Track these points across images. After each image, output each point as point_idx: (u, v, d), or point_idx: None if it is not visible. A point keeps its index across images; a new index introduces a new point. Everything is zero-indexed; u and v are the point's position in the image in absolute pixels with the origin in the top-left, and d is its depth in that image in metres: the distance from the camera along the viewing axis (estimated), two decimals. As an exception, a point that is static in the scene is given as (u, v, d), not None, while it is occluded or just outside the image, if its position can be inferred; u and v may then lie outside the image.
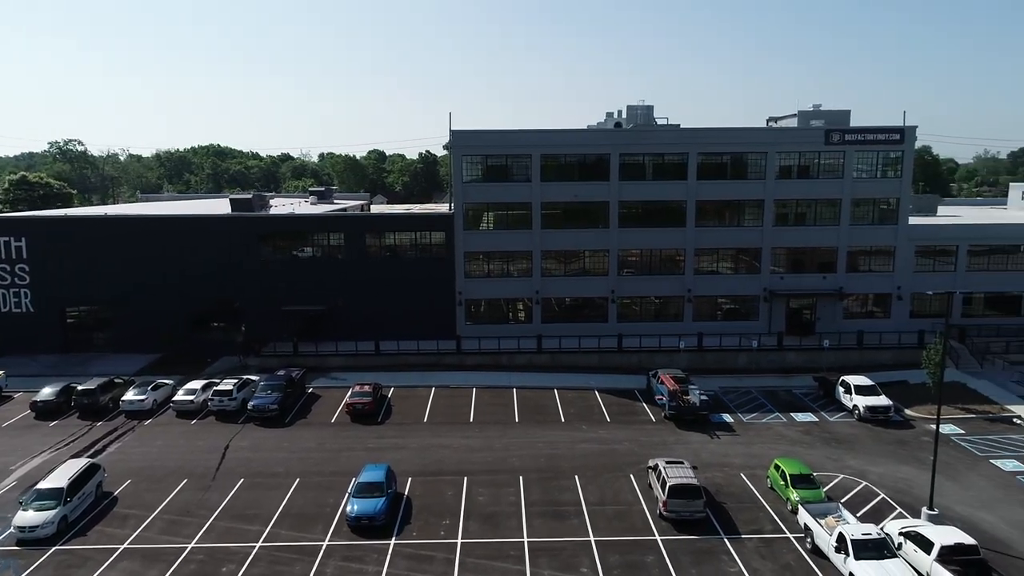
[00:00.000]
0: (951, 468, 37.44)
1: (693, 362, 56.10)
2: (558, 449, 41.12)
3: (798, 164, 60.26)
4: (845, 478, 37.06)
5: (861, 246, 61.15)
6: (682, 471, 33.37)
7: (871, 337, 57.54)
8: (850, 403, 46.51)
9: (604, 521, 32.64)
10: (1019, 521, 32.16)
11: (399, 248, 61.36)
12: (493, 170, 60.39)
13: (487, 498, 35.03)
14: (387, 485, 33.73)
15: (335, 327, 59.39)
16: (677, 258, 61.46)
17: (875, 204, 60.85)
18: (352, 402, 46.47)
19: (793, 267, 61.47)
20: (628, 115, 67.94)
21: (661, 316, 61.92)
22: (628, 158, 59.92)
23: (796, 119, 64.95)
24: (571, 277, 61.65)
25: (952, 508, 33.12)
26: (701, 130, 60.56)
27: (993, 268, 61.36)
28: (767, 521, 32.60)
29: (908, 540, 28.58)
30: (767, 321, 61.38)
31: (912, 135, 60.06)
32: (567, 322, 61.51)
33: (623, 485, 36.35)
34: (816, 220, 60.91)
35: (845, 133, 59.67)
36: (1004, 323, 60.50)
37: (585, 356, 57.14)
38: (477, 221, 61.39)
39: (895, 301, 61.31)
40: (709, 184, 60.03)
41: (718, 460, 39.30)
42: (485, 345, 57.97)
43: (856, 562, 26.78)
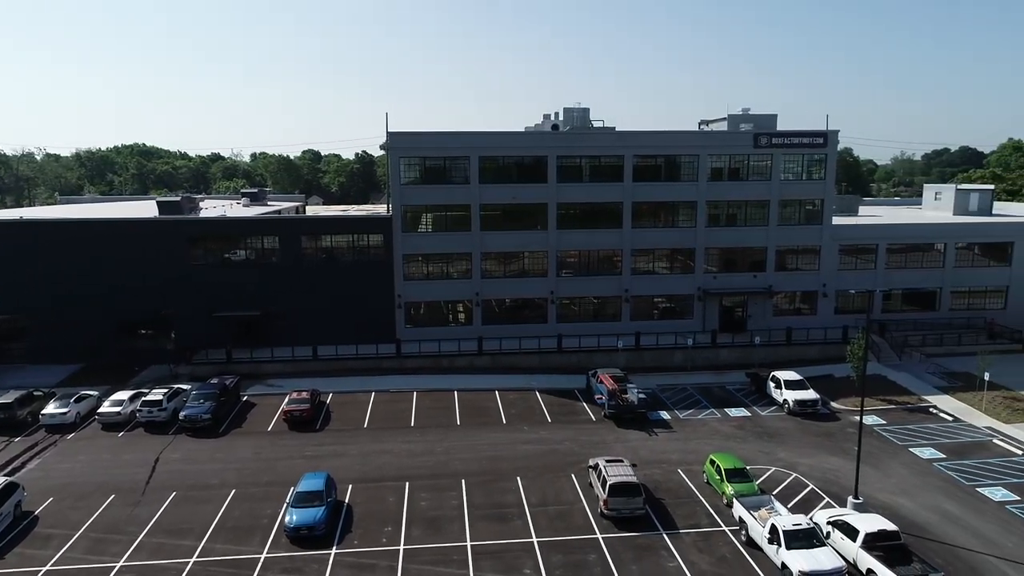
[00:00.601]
0: (874, 457, 39.26)
1: (631, 361, 57.15)
2: (500, 451, 41.25)
3: (729, 167, 62.13)
4: (777, 470, 38.41)
5: (789, 245, 63.47)
6: (622, 469, 33.95)
7: (799, 333, 59.81)
8: (780, 398, 48.21)
9: (546, 521, 32.91)
10: (935, 506, 33.99)
11: (336, 251, 60.38)
12: (431, 172, 60.11)
13: (429, 503, 34.85)
14: (327, 493, 33.16)
15: (271, 332, 58.03)
16: (615, 259, 62.49)
17: (801, 205, 63.27)
18: (289, 409, 45.48)
19: (725, 266, 63.33)
20: (565, 117, 68.42)
21: (600, 316, 62.86)
22: (566, 160, 60.60)
23: (726, 123, 67.00)
24: (511, 278, 61.92)
25: (875, 496, 34.74)
26: (636, 133, 61.77)
27: (910, 266, 64.65)
28: (704, 515, 33.50)
29: (836, 529, 29.85)
30: (701, 319, 63.06)
31: (834, 139, 62.71)
32: (508, 323, 61.74)
33: (565, 485, 36.74)
34: (746, 221, 62.93)
35: (772, 137, 61.84)
36: (920, 318, 63.86)
37: (526, 357, 57.49)
38: (416, 223, 60.99)
39: (821, 298, 63.89)
40: (644, 186, 61.26)
41: (656, 457, 40.15)
42: (425, 348, 57.66)
43: (788, 552, 27.80)
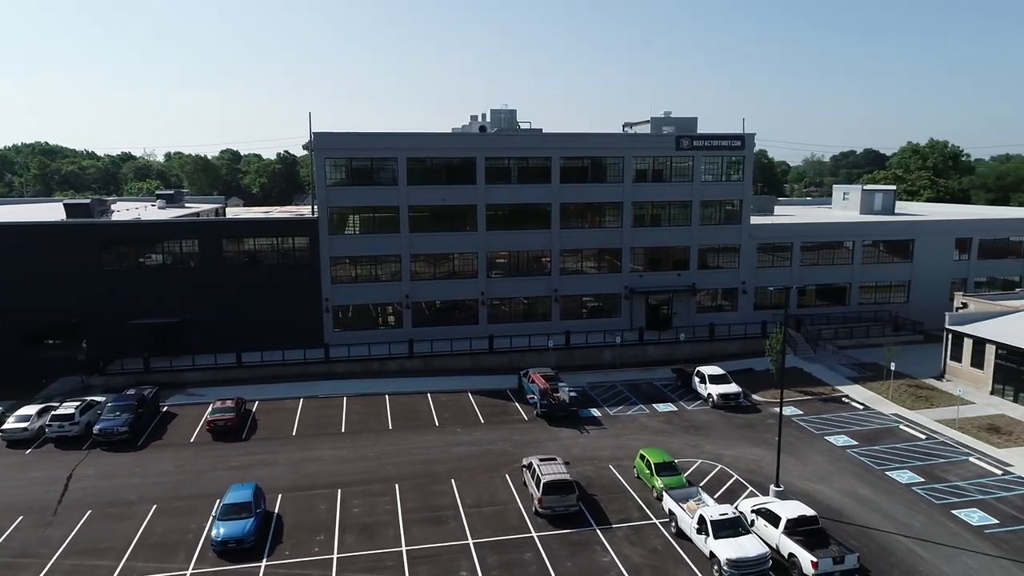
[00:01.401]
0: (793, 447, 41.09)
1: (562, 360, 57.88)
2: (433, 454, 41.04)
3: (652, 168, 63.77)
4: (703, 462, 39.69)
5: (710, 245, 65.65)
6: (555, 467, 34.37)
7: (721, 329, 61.96)
8: (705, 392, 49.83)
9: (481, 522, 32.97)
10: (849, 491, 35.88)
11: (260, 254, 58.69)
12: (358, 173, 59.22)
13: (362, 509, 34.35)
14: (255, 504, 32.22)
15: (191, 340, 55.85)
16: (544, 259, 63.15)
17: (721, 205, 65.55)
18: (213, 419, 43.91)
19: (651, 266, 64.95)
20: (492, 119, 68.66)
21: (530, 316, 63.38)
22: (494, 162, 60.81)
23: (649, 125, 68.73)
24: (441, 280, 61.69)
25: (795, 483, 36.37)
26: (563, 135, 62.61)
27: (822, 263, 67.96)
28: (635, 509, 34.28)
29: (759, 516, 31.12)
30: (629, 318, 64.48)
31: (751, 141, 65.26)
32: (438, 325, 61.49)
33: (499, 485, 36.89)
34: (670, 221, 64.72)
35: (693, 139, 63.84)
36: (832, 312, 67.25)
37: (457, 359, 57.38)
38: (343, 225, 59.94)
39: (741, 295, 66.38)
40: (572, 187, 62.16)
41: (588, 454, 40.82)
42: (355, 352, 56.75)
43: (715, 541, 28.78)
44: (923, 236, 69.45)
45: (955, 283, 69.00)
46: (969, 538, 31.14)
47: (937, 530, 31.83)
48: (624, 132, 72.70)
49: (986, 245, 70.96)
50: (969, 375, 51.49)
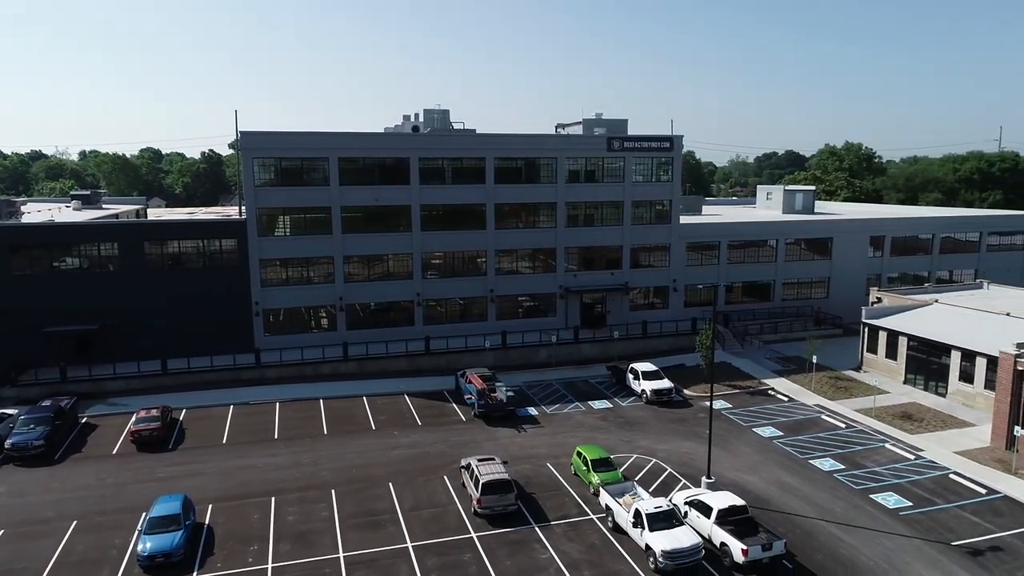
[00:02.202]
0: (723, 439, 42.42)
1: (498, 360, 58.07)
2: (370, 458, 40.54)
3: (585, 169, 64.68)
4: (638, 457, 40.55)
5: (642, 244, 67.08)
6: (493, 467, 34.49)
7: (653, 326, 63.41)
8: (638, 388, 50.88)
9: (420, 525, 32.77)
10: (776, 480, 37.33)
11: (185, 257, 56.65)
12: (288, 173, 57.87)
13: (298, 516, 33.63)
14: (184, 516, 31.11)
15: (112, 347, 53.43)
16: (479, 259, 63.20)
17: (652, 205, 67.04)
18: (137, 429, 42.12)
19: (585, 265, 65.88)
20: (425, 119, 68.24)
21: (466, 317, 63.33)
22: (428, 162, 60.48)
23: (581, 127, 69.73)
24: (375, 281, 60.95)
25: (725, 474, 37.57)
26: (496, 136, 62.84)
27: (748, 261, 70.38)
28: (573, 506, 34.74)
29: (692, 508, 32.02)
30: (564, 316, 65.23)
31: (679, 143, 67.00)
32: (373, 327, 60.73)
33: (437, 487, 36.75)
34: (603, 221, 65.79)
35: (624, 141, 65.09)
36: (758, 308, 69.75)
37: (393, 361, 56.82)
38: (272, 226, 58.47)
39: (672, 293, 68.09)
40: (506, 188, 62.43)
41: (526, 452, 41.11)
42: (287, 356, 55.45)
43: (651, 534, 29.46)
44: (841, 234, 72.82)
45: (870, 279, 72.63)
46: (886, 520, 32.86)
47: (857, 514, 33.45)
48: (557, 133, 73.51)
49: (898, 243, 74.99)
50: (884, 366, 54.30)
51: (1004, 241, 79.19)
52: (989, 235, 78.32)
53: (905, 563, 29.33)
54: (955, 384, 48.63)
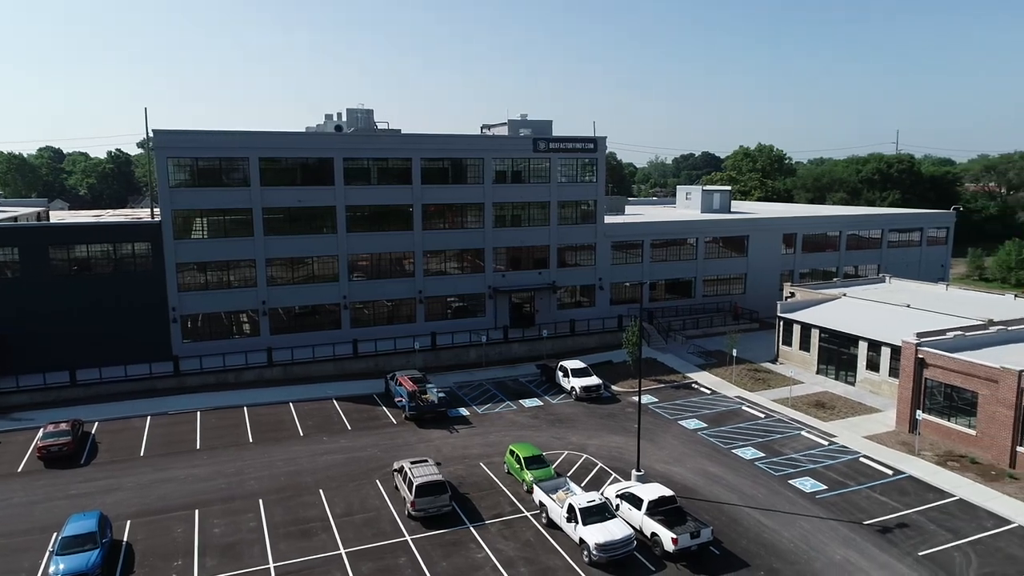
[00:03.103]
0: (651, 432, 43.55)
1: (428, 361, 57.74)
2: (299, 465, 39.57)
3: (512, 170, 65.09)
4: (570, 453, 41.14)
5: (568, 244, 68.03)
6: (426, 469, 34.30)
7: (581, 324, 64.44)
8: (568, 385, 51.60)
9: (353, 531, 32.24)
10: (702, 469, 38.61)
11: (94, 262, 53.79)
12: (205, 173, 55.78)
13: (224, 528, 32.50)
14: (100, 534, 29.57)
15: (14, 359, 50.15)
16: (407, 261, 62.63)
17: (577, 206, 68.10)
18: (45, 444, 39.71)
19: (513, 265, 66.29)
20: (348, 119, 67.03)
21: (395, 319, 62.66)
22: (352, 162, 59.51)
23: (507, 127, 70.12)
24: (300, 284, 59.50)
25: (654, 467, 38.61)
26: (422, 136, 62.43)
27: (670, 259, 72.45)
28: (507, 504, 34.93)
29: (623, 500, 32.76)
30: (493, 316, 65.44)
31: (603, 144, 68.32)
32: (299, 331, 59.27)
33: (370, 492, 36.23)
34: (530, 221, 66.37)
35: (549, 142, 65.86)
36: (680, 304, 71.90)
37: (320, 365, 55.63)
38: (189, 229, 56.24)
39: (598, 291, 69.36)
40: (433, 188, 62.11)
41: (459, 453, 41.05)
42: (208, 364, 53.47)
43: (584, 528, 29.98)
44: (756, 233, 75.94)
45: (784, 275, 76.02)
46: (804, 504, 34.52)
47: (777, 499, 35.01)
48: (483, 134, 73.67)
49: (808, 240, 78.82)
50: (798, 357, 56.99)
51: (903, 238, 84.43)
52: (890, 232, 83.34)
53: (822, 543, 30.90)
54: (863, 373, 51.52)
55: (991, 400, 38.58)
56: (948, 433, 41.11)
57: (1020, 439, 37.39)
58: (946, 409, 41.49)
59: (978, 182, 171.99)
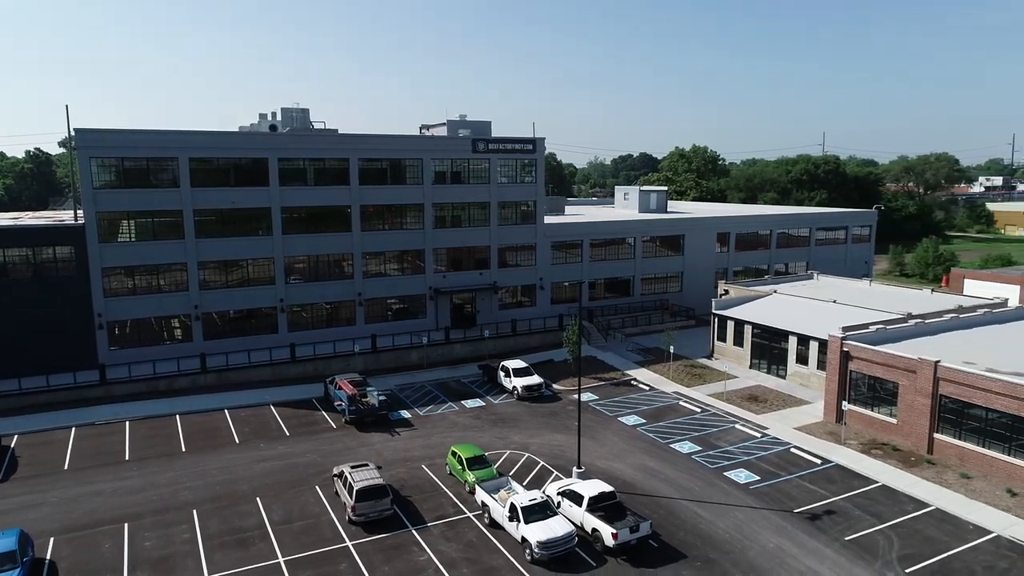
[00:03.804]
0: (591, 430, 44.14)
1: (369, 364, 57.08)
2: (235, 473, 38.56)
3: (451, 170, 64.93)
4: (512, 453, 41.34)
5: (509, 244, 68.30)
6: (367, 473, 33.93)
7: (522, 324, 64.80)
8: (510, 385, 51.80)
9: (292, 538, 31.63)
10: (641, 465, 39.36)
11: (11, 267, 51.18)
12: (132, 174, 53.75)
13: (156, 542, 31.41)
14: (21, 553, 28.19)
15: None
16: (345, 262, 61.75)
17: (517, 206, 68.42)
18: (-41, 461, 37.59)
19: (453, 265, 66.13)
20: (283, 118, 65.64)
21: (334, 321, 61.70)
22: (288, 163, 58.33)
23: (446, 128, 69.94)
24: (234, 288, 57.95)
25: (595, 463, 39.14)
26: (360, 136, 61.66)
27: (608, 258, 73.55)
28: (449, 505, 34.86)
29: (565, 498, 33.12)
30: (434, 317, 65.15)
31: (542, 145, 68.85)
32: (234, 336, 57.75)
33: (309, 498, 35.60)
34: (470, 222, 66.33)
35: (489, 143, 65.98)
36: (619, 303, 73.09)
37: (257, 370, 54.33)
38: (115, 231, 54.10)
39: (539, 291, 69.86)
40: (372, 189, 61.41)
41: (401, 456, 40.74)
42: (137, 371, 51.58)
43: (526, 526, 30.19)
44: (691, 232, 77.82)
45: (718, 273, 78.14)
46: (738, 495, 35.59)
47: (713, 491, 35.99)
48: (422, 134, 73.29)
49: (741, 239, 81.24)
50: (733, 353, 58.68)
51: (830, 236, 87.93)
52: (817, 230, 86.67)
53: (755, 532, 31.93)
54: (793, 366, 53.44)
55: (910, 390, 40.57)
56: (872, 422, 43.04)
57: (937, 426, 39.47)
58: (870, 399, 43.43)
59: (898, 182, 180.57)
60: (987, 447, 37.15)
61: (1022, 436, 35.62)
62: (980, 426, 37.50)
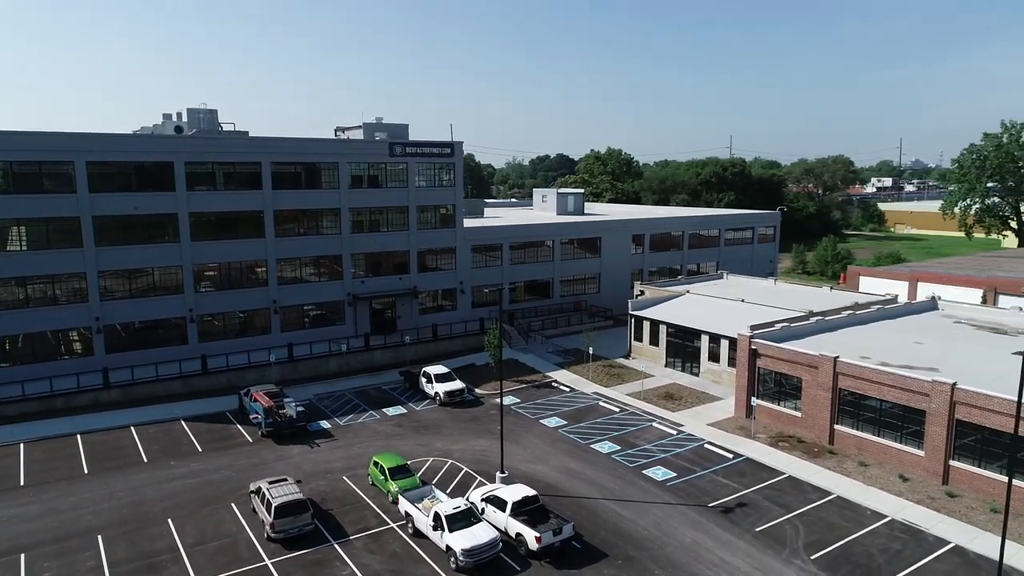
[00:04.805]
0: (514, 433, 44.49)
1: (286, 373, 55.58)
2: (144, 494, 36.78)
3: (368, 174, 64.01)
4: (435, 460, 41.19)
5: (428, 248, 67.93)
6: (286, 488, 33.08)
7: (443, 328, 64.60)
8: (432, 391, 51.57)
9: (207, 560, 30.48)
10: (563, 467, 40.01)
11: None
12: (21, 179, 50.40)
13: (57, 571, 29.60)
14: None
15: None
16: (259, 269, 59.87)
17: (436, 210, 68.14)
18: None
19: (372, 270, 65.23)
20: (189, 119, 62.85)
21: (248, 330, 59.71)
22: (196, 166, 56.05)
23: (362, 131, 68.85)
24: (139, 298, 55.21)
25: (518, 467, 39.50)
26: (272, 139, 59.91)
27: (528, 260, 74.30)
28: (372, 517, 34.42)
29: (489, 504, 33.30)
30: (354, 324, 64.07)
31: (460, 149, 68.82)
32: (140, 349, 55.01)
33: (225, 516, 34.37)
34: (389, 226, 65.56)
35: (406, 146, 65.41)
36: (539, 305, 73.96)
37: (165, 384, 51.97)
38: (4, 240, 50.58)
39: (460, 295, 69.81)
40: (286, 194, 59.78)
41: (321, 468, 39.88)
42: (32, 389, 48.40)
43: (451, 534, 30.18)
44: (608, 234, 79.59)
45: (634, 273, 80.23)
46: (657, 492, 36.73)
47: (632, 490, 37.00)
48: (337, 137, 71.92)
49: (656, 240, 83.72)
50: (649, 352, 60.43)
51: (738, 236, 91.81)
52: (726, 231, 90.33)
53: (673, 528, 33.05)
54: (705, 364, 55.53)
55: (813, 384, 42.93)
56: (779, 416, 45.27)
57: (837, 418, 41.93)
58: (776, 394, 45.67)
59: (799, 183, 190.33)
60: (881, 436, 39.75)
61: (911, 425, 38.31)
62: (875, 416, 40.09)
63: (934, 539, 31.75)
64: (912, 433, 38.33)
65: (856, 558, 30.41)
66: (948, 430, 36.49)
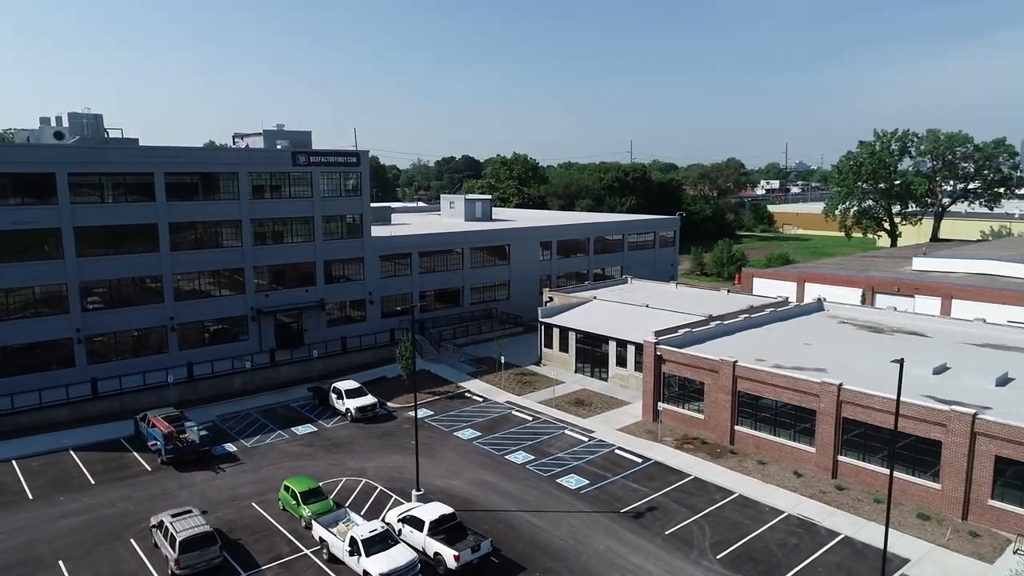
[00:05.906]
0: (428, 448, 44.28)
1: (186, 394, 53.05)
2: (31, 534, 34.24)
3: (270, 184, 61.98)
4: (348, 479, 40.44)
5: (336, 258, 66.42)
6: (191, 521, 31.67)
7: (353, 341, 63.42)
8: (343, 407, 50.55)
9: (106, 604, 28.78)
10: (478, 480, 40.20)
11: None
12: None
13: (-69, 630, 27.18)
14: None
15: None
16: (154, 285, 56.82)
17: (343, 220, 66.76)
18: None
19: (277, 283, 63.20)
20: (72, 125, 58.63)
21: (143, 350, 56.51)
22: (81, 177, 52.58)
23: (262, 138, 66.49)
24: (18, 320, 51.18)
25: (434, 483, 39.35)
26: (166, 148, 57.06)
27: (438, 268, 74.05)
28: (284, 544, 33.45)
29: (405, 524, 33.04)
30: (258, 339, 61.86)
31: (366, 158, 67.76)
32: (19, 374, 50.91)
33: (123, 554, 32.51)
34: (293, 237, 63.68)
35: (310, 155, 63.76)
36: (450, 314, 73.85)
37: (51, 411, 48.53)
38: None
39: (369, 305, 68.71)
40: (181, 205, 57.00)
41: (228, 496, 38.35)
42: None
43: (367, 559, 29.77)
44: (517, 240, 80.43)
45: (543, 279, 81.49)
46: (571, 501, 37.54)
47: (547, 499, 37.66)
48: (235, 145, 69.22)
49: (562, 245, 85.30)
50: (559, 359, 61.57)
51: (640, 240, 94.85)
52: (629, 236, 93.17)
53: (587, 535, 33.90)
54: (613, 369, 57.16)
55: (714, 387, 45.05)
56: (684, 419, 47.21)
57: (736, 419, 44.18)
58: (681, 398, 47.62)
59: (696, 187, 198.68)
60: (777, 435, 42.23)
61: (803, 423, 40.91)
62: (771, 416, 42.54)
63: (826, 531, 34.06)
64: (804, 431, 40.92)
65: (757, 555, 32.19)
66: (836, 427, 39.20)
